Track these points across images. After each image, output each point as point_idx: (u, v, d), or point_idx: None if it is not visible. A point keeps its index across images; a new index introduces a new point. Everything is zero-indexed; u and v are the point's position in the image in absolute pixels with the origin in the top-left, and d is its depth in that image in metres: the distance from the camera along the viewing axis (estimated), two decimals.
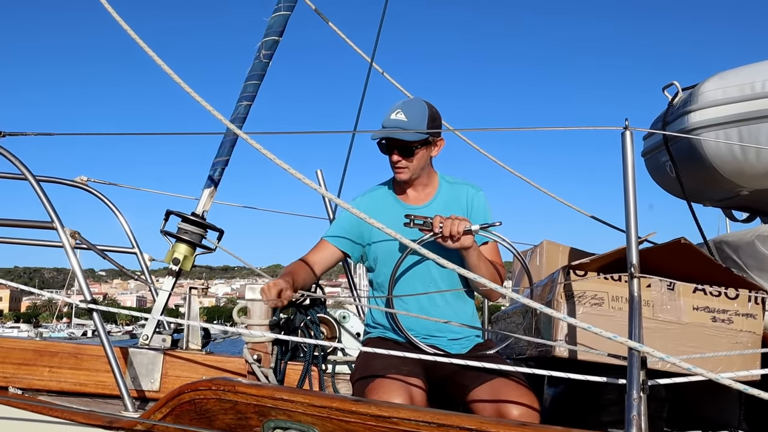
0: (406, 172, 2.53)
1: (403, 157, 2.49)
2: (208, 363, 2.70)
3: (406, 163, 2.50)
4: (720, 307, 2.52)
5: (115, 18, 2.31)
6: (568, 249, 3.77)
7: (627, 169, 1.97)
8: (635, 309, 1.90)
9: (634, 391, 1.72)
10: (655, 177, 3.73)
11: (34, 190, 2.46)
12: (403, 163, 2.50)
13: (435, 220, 2.30)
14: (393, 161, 2.51)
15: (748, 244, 2.91)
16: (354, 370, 2.49)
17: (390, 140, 2.49)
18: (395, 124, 2.47)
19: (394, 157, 2.50)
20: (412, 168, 2.52)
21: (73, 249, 2.46)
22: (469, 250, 2.33)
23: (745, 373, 2.11)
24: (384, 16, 4.09)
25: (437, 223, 2.29)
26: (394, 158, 2.50)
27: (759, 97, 2.96)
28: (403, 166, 2.51)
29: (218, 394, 1.98)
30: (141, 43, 2.28)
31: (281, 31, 3.01)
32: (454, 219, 2.28)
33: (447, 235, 2.27)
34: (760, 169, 3.02)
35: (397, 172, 2.54)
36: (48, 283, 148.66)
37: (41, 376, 2.69)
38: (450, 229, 2.26)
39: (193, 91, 2.14)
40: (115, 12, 2.32)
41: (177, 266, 2.78)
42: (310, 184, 2.04)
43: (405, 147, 2.49)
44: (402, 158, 2.49)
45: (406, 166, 2.51)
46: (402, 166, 2.51)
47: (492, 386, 2.23)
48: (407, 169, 2.52)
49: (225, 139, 2.90)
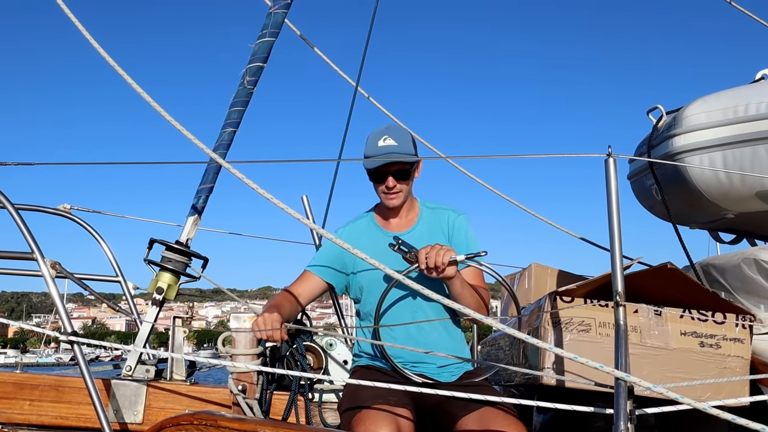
0: (400, 197, 2.53)
1: (399, 182, 2.50)
2: (193, 394, 2.65)
3: (400, 188, 2.51)
4: (707, 332, 2.51)
5: (94, 47, 2.30)
6: (556, 272, 3.76)
7: (611, 196, 1.96)
8: (621, 337, 1.88)
9: (621, 422, 1.70)
10: (642, 200, 3.74)
11: (14, 220, 2.42)
12: (398, 187, 2.51)
13: (420, 255, 2.28)
14: (389, 187, 2.50)
15: (735, 267, 2.91)
16: (341, 400, 2.46)
17: (385, 166, 2.48)
18: (389, 150, 2.47)
19: (391, 182, 2.49)
20: (405, 192, 2.53)
21: (53, 279, 2.42)
22: (452, 280, 2.32)
23: (733, 401, 2.09)
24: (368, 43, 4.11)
25: (422, 258, 2.26)
26: (391, 184, 2.49)
27: (742, 120, 2.98)
28: (398, 191, 2.51)
29: (200, 429, 1.94)
30: (121, 72, 2.27)
31: (266, 57, 3.00)
32: (438, 250, 2.26)
33: (432, 266, 2.25)
34: (745, 192, 3.03)
35: (392, 198, 2.53)
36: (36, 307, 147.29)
37: (21, 410, 2.63)
38: (435, 260, 2.24)
39: (173, 119, 2.12)
40: (94, 40, 2.31)
41: (161, 295, 2.74)
42: (294, 214, 2.02)
43: (402, 172, 2.50)
44: (398, 183, 2.50)
45: (401, 190, 2.52)
46: (397, 191, 2.51)
47: (481, 415, 2.21)
48: (401, 193, 2.52)
49: (209, 167, 2.87)
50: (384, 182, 2.50)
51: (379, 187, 2.53)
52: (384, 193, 2.53)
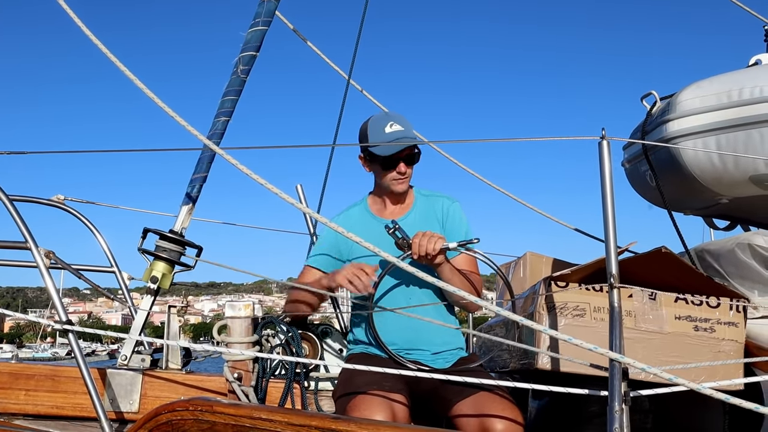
0: (407, 182, 2.58)
1: (408, 167, 2.54)
2: (188, 382, 2.65)
3: (409, 173, 2.55)
4: (702, 316, 2.52)
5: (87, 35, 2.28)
6: (551, 260, 3.77)
7: (605, 179, 1.95)
8: (616, 320, 1.88)
9: (616, 404, 1.70)
10: (636, 186, 3.74)
11: (7, 210, 2.41)
12: (408, 172, 2.55)
13: (413, 242, 2.31)
14: (401, 172, 2.52)
15: (729, 252, 2.91)
16: (336, 387, 2.46)
17: (397, 152, 2.49)
18: (400, 135, 2.50)
19: (402, 167, 2.52)
20: (410, 177, 2.57)
21: (48, 269, 2.41)
22: (442, 266, 2.35)
23: (727, 382, 2.10)
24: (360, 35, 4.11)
25: (415, 247, 2.30)
26: (403, 169, 2.52)
27: (736, 105, 2.98)
28: (408, 176, 2.55)
29: (196, 415, 1.94)
30: (115, 60, 2.26)
31: (258, 46, 2.99)
32: (430, 237, 2.28)
33: (423, 254, 2.28)
34: (739, 177, 3.03)
35: (401, 183, 2.55)
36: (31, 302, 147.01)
37: (17, 400, 2.63)
38: (426, 248, 2.27)
39: (167, 106, 2.12)
40: (87, 28, 2.29)
41: (155, 284, 2.73)
42: (288, 199, 2.02)
43: (411, 156, 2.53)
44: (408, 168, 2.54)
45: (409, 175, 2.56)
46: (408, 176, 2.55)
47: (475, 400, 2.21)
48: (409, 178, 2.57)
49: (202, 156, 2.86)
50: (395, 168, 2.52)
51: (389, 174, 2.54)
52: (395, 179, 2.54)
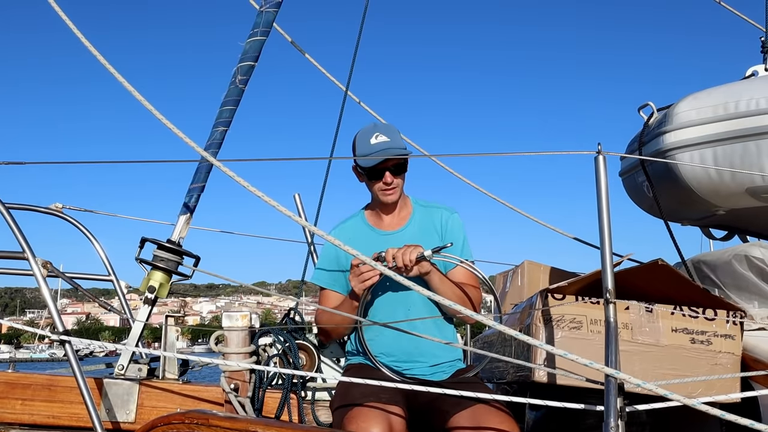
0: (397, 192, 2.56)
1: (395, 177, 2.52)
2: (185, 393, 2.64)
3: (397, 183, 2.53)
4: (698, 328, 2.52)
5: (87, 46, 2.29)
6: (549, 269, 3.78)
7: (601, 193, 1.96)
8: (611, 335, 1.89)
9: (612, 419, 1.71)
10: (633, 197, 3.75)
11: (5, 220, 2.41)
12: (395, 182, 2.53)
13: (387, 255, 2.31)
14: (387, 183, 2.51)
15: (726, 263, 2.92)
16: (333, 398, 2.46)
17: (382, 163, 2.49)
18: (384, 147, 2.49)
19: (388, 178, 2.51)
20: (400, 188, 2.56)
21: (45, 279, 2.41)
22: (429, 275, 2.36)
23: (724, 396, 2.10)
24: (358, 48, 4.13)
25: (389, 258, 2.30)
26: (389, 179, 2.51)
27: (732, 117, 2.99)
28: (395, 186, 2.53)
29: (192, 428, 1.94)
30: (114, 72, 2.26)
31: (257, 56, 2.99)
32: (405, 249, 2.29)
33: (400, 266, 2.28)
34: (735, 188, 3.03)
35: (390, 193, 2.54)
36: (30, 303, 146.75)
37: (13, 410, 2.62)
38: (402, 260, 2.27)
39: (165, 118, 2.12)
40: (85, 38, 2.29)
41: (152, 294, 2.73)
42: (285, 212, 2.02)
43: (398, 166, 2.52)
44: (395, 178, 2.52)
45: (398, 185, 2.54)
46: (395, 186, 2.53)
47: (473, 412, 2.21)
48: (398, 188, 2.55)
49: (200, 165, 2.86)
50: (381, 179, 2.51)
51: (376, 185, 2.54)
52: (382, 190, 2.54)
